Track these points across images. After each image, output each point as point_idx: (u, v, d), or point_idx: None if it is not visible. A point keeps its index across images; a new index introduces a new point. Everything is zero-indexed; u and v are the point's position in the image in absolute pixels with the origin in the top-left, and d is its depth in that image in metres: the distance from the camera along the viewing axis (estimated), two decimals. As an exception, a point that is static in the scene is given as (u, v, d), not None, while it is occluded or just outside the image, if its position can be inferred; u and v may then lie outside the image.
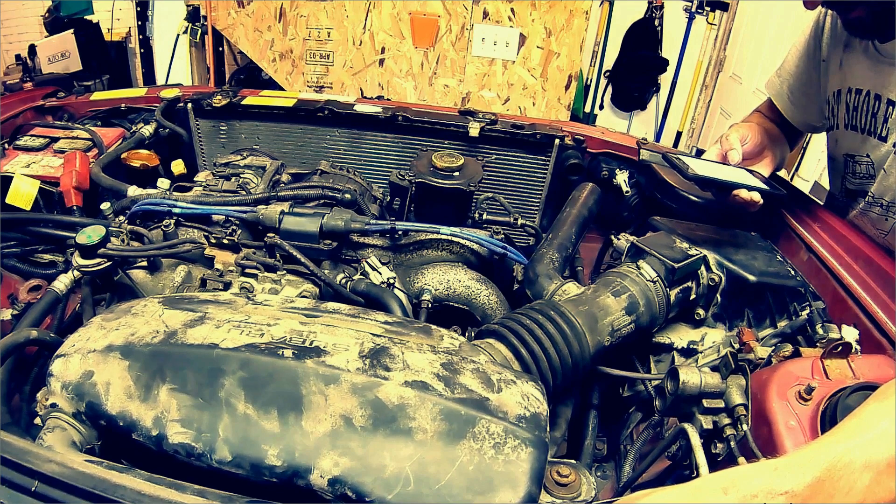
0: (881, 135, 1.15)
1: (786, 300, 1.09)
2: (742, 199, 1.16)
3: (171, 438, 0.71)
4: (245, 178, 1.46)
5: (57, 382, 0.77)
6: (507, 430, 0.69)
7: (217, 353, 0.75)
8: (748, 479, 0.58)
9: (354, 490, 0.67)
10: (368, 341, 0.79)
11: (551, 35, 3.37)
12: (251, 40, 3.62)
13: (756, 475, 0.58)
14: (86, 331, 0.82)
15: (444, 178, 1.48)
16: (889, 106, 1.11)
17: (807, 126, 1.42)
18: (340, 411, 0.70)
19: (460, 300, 1.28)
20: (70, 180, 1.39)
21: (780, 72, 1.41)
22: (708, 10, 4.49)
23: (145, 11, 4.39)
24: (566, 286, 1.07)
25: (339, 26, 3.49)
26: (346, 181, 1.51)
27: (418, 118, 1.70)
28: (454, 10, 3.36)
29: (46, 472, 0.61)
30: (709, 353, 1.08)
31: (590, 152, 1.73)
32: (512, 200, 1.71)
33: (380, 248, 1.36)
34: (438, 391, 0.72)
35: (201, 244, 1.20)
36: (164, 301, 0.88)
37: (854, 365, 0.81)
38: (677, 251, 1.06)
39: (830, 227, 1.21)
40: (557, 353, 0.90)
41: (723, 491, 0.57)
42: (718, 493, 0.57)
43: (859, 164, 1.24)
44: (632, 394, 1.13)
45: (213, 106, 1.73)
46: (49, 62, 3.72)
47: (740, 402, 0.80)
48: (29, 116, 1.74)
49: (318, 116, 1.75)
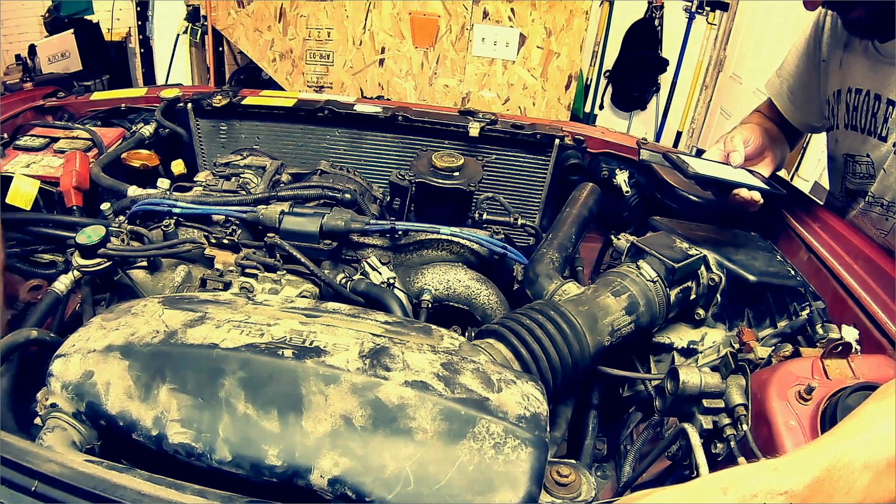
0: (881, 134, 1.15)
1: (786, 300, 1.09)
2: (742, 198, 1.16)
3: (171, 438, 0.71)
4: (245, 178, 1.46)
5: (57, 382, 0.77)
6: (507, 430, 0.69)
7: (217, 353, 0.75)
8: (748, 478, 0.58)
9: (354, 490, 0.67)
10: (368, 341, 0.79)
11: (551, 35, 3.37)
12: (251, 40, 3.62)
13: (756, 475, 0.58)
14: (86, 331, 0.82)
15: (444, 178, 1.48)
16: (889, 106, 1.11)
17: (806, 126, 1.42)
18: (340, 411, 0.70)
19: (460, 300, 1.28)
20: (70, 180, 1.39)
21: (779, 72, 1.41)
22: (708, 10, 4.49)
23: (145, 11, 4.39)
24: (566, 286, 1.07)
25: (339, 26, 3.49)
26: (346, 181, 1.51)
27: (418, 118, 1.70)
28: (454, 10, 3.36)
29: (46, 472, 0.61)
30: (709, 353, 1.08)
31: (590, 152, 1.73)
32: (512, 200, 1.71)
33: (380, 248, 1.36)
34: (438, 391, 0.72)
35: (201, 244, 1.20)
36: (164, 301, 0.88)
37: (854, 365, 0.81)
38: (677, 251, 1.06)
39: (830, 227, 1.21)
40: (557, 353, 0.90)
41: (722, 491, 0.57)
42: (718, 492, 0.57)
43: (859, 164, 1.24)
44: (632, 394, 1.13)
45: (213, 106, 1.74)
46: (49, 62, 3.72)
47: (740, 402, 0.80)
48: (29, 116, 1.74)
49: (318, 116, 1.75)
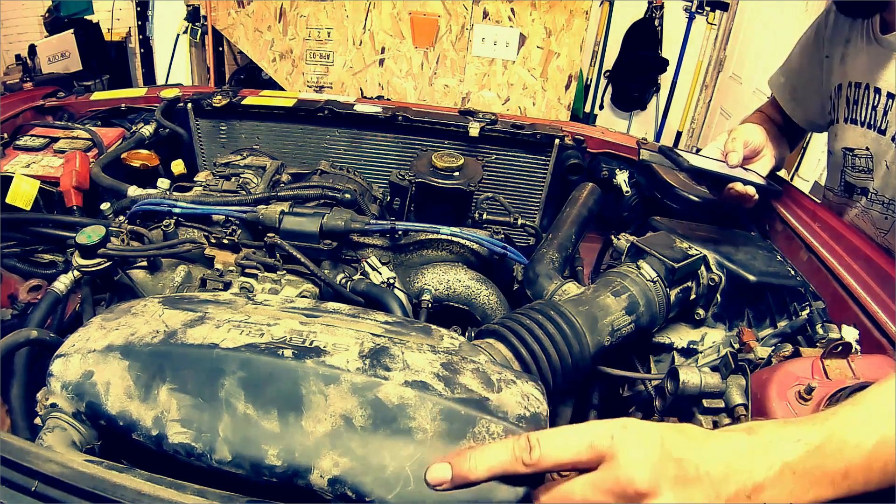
0: (881, 128, 1.16)
1: (786, 300, 1.09)
2: (737, 192, 1.17)
3: (171, 438, 0.71)
4: (245, 178, 1.46)
5: (57, 382, 0.77)
6: (507, 430, 0.69)
7: (217, 352, 0.75)
8: (766, 425, 0.60)
9: (354, 490, 0.67)
10: (368, 341, 0.79)
11: (551, 35, 3.37)
12: (251, 40, 3.63)
13: (774, 424, 0.60)
14: (86, 331, 0.82)
15: (444, 178, 1.48)
16: (889, 99, 1.12)
17: (809, 124, 1.42)
18: (340, 411, 0.70)
19: (460, 300, 1.28)
20: (70, 180, 1.39)
21: (782, 69, 1.42)
22: (708, 10, 4.50)
23: (145, 11, 4.40)
24: (566, 286, 1.07)
25: (339, 26, 3.49)
26: (346, 181, 1.51)
27: (418, 118, 1.70)
28: (454, 10, 3.36)
29: (46, 472, 0.61)
30: (709, 353, 1.08)
31: (590, 152, 1.73)
32: (512, 200, 1.71)
33: (380, 248, 1.36)
34: (438, 391, 0.72)
35: (201, 244, 1.20)
36: (164, 301, 0.88)
37: (854, 365, 0.81)
38: (677, 251, 1.06)
39: (830, 227, 1.21)
40: (557, 353, 0.90)
41: (746, 431, 0.59)
42: (742, 433, 0.59)
43: (858, 158, 1.25)
44: (632, 394, 1.13)
45: (213, 106, 1.74)
46: (49, 62, 3.72)
47: (740, 402, 0.80)
48: (29, 116, 1.74)
49: (318, 116, 1.75)
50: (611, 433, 0.57)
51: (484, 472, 0.60)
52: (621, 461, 0.56)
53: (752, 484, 0.55)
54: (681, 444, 0.57)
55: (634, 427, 0.58)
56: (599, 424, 0.59)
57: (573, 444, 0.58)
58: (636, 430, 0.58)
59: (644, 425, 0.59)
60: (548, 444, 0.59)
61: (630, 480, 0.55)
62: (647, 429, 0.58)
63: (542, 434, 0.60)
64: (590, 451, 0.57)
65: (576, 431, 0.59)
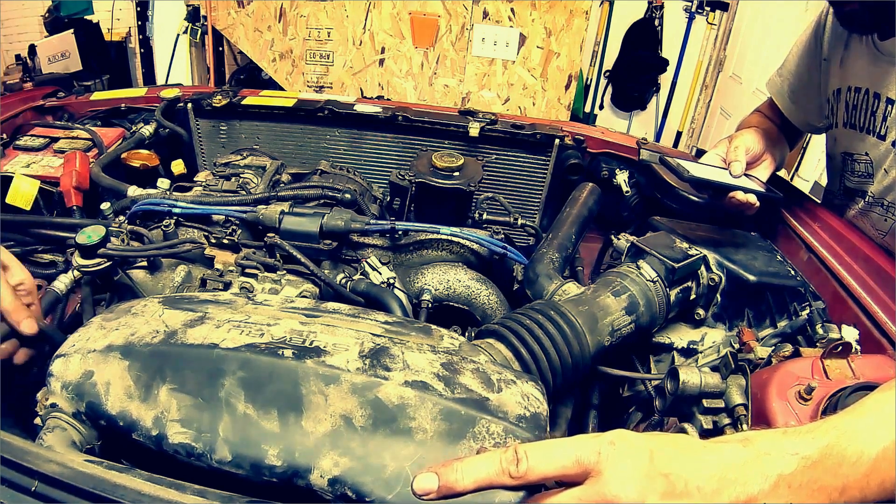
0: (880, 133, 1.15)
1: (786, 300, 1.09)
2: (738, 201, 1.16)
3: (171, 438, 0.71)
4: (245, 178, 1.46)
5: (57, 382, 0.77)
6: (507, 430, 0.69)
7: (217, 352, 0.75)
8: (762, 436, 0.60)
9: (354, 490, 0.67)
10: (368, 341, 0.79)
11: (551, 35, 3.37)
12: (251, 40, 3.63)
13: (771, 435, 0.60)
14: (86, 331, 0.82)
15: (444, 178, 1.48)
16: (888, 104, 1.12)
17: (807, 126, 1.42)
18: (340, 411, 0.70)
19: (460, 300, 1.28)
20: (70, 180, 1.39)
21: (781, 71, 1.42)
22: (708, 10, 4.50)
23: (145, 11, 4.40)
24: (566, 286, 1.07)
25: (339, 26, 3.49)
26: (346, 181, 1.51)
27: (418, 118, 1.70)
28: (454, 10, 3.36)
29: (46, 472, 0.61)
30: (709, 353, 1.08)
31: (590, 152, 1.73)
32: (512, 200, 1.71)
33: (380, 248, 1.36)
34: (438, 391, 0.72)
35: (201, 244, 1.20)
36: (164, 301, 0.88)
37: (854, 365, 0.81)
38: (677, 251, 1.06)
39: (830, 227, 1.21)
40: (557, 353, 0.90)
41: (742, 443, 0.59)
42: (738, 445, 0.59)
43: (858, 163, 1.24)
44: (632, 394, 1.13)
45: (213, 106, 1.73)
46: (49, 62, 3.72)
47: (740, 402, 0.80)
48: (29, 116, 1.74)
49: (318, 116, 1.74)
50: (598, 448, 0.57)
51: (470, 483, 0.59)
52: (607, 477, 0.56)
53: (745, 496, 0.55)
54: (671, 457, 0.57)
55: (623, 442, 0.58)
56: (588, 439, 0.59)
57: (559, 457, 0.58)
58: (624, 446, 0.57)
59: (634, 439, 0.58)
60: (535, 456, 0.58)
61: (616, 497, 0.55)
62: (637, 443, 0.58)
63: (529, 447, 0.59)
64: (576, 465, 0.57)
65: (562, 445, 0.59)
